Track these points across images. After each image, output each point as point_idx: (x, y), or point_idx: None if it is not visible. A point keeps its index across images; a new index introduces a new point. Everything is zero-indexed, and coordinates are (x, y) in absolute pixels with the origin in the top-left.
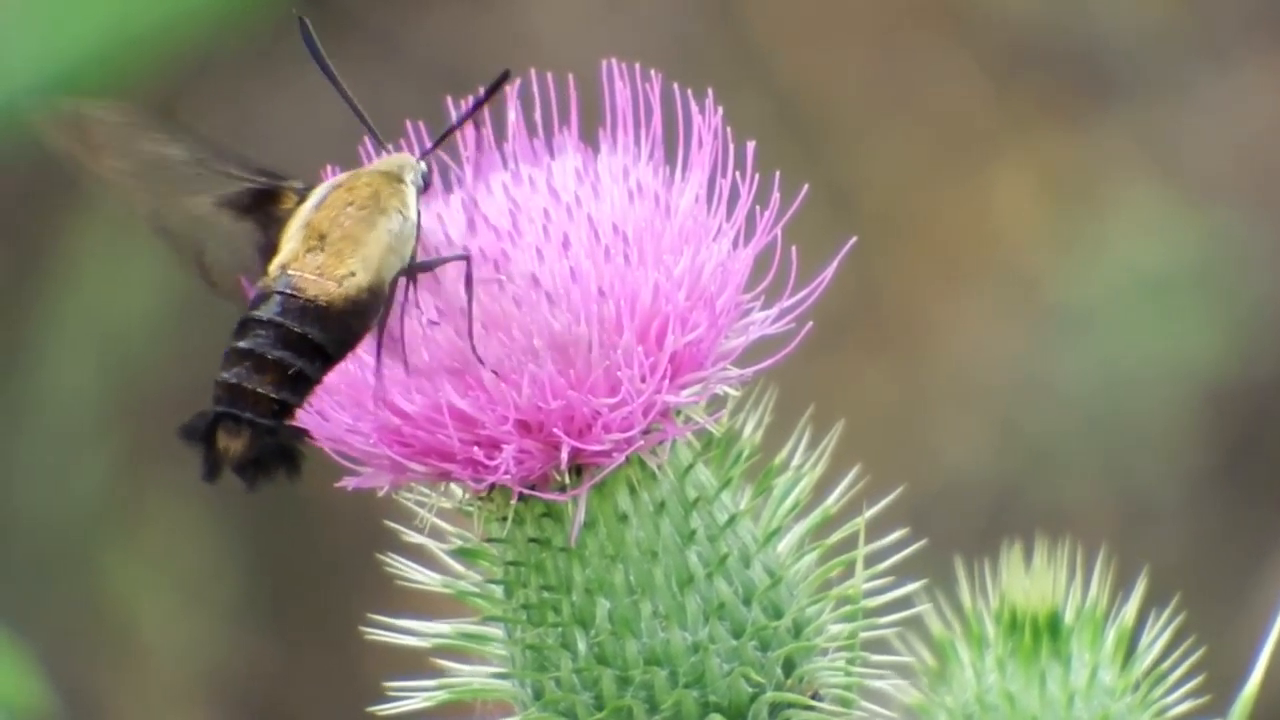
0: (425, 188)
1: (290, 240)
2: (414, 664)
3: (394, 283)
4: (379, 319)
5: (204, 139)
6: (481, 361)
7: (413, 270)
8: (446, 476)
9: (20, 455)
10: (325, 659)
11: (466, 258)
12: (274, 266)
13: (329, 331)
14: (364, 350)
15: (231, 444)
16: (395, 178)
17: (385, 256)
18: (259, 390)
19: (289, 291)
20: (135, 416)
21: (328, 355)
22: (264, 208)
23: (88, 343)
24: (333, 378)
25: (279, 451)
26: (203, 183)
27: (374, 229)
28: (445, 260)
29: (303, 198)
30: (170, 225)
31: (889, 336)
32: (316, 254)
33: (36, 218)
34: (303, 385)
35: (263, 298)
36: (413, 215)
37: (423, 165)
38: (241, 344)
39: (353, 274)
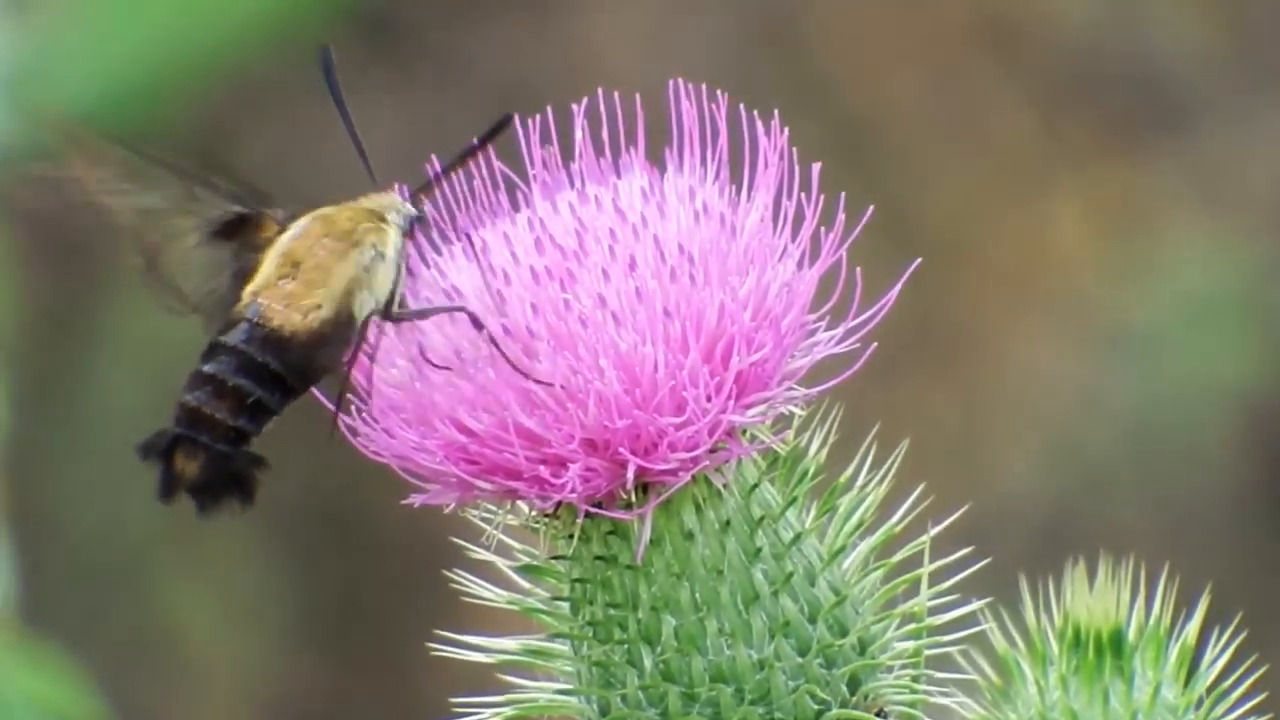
0: (412, 230)
1: (266, 266)
2: (476, 684)
3: (366, 321)
4: (347, 355)
5: (190, 163)
6: (544, 382)
7: (393, 314)
8: (513, 494)
9: (79, 475)
10: (384, 680)
11: (463, 309)
12: (247, 292)
13: (290, 362)
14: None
15: (187, 466)
16: (378, 215)
17: (354, 291)
18: (216, 416)
19: (255, 319)
20: None
21: (288, 386)
22: (245, 234)
23: (146, 363)
24: (398, 395)
25: (232, 478)
26: (186, 209)
27: (345, 262)
28: (436, 310)
29: (284, 226)
30: (151, 255)
31: (948, 361)
32: (287, 282)
33: (94, 238)
34: (261, 414)
35: (231, 323)
36: (390, 254)
37: (410, 209)
38: (205, 368)
39: (319, 306)
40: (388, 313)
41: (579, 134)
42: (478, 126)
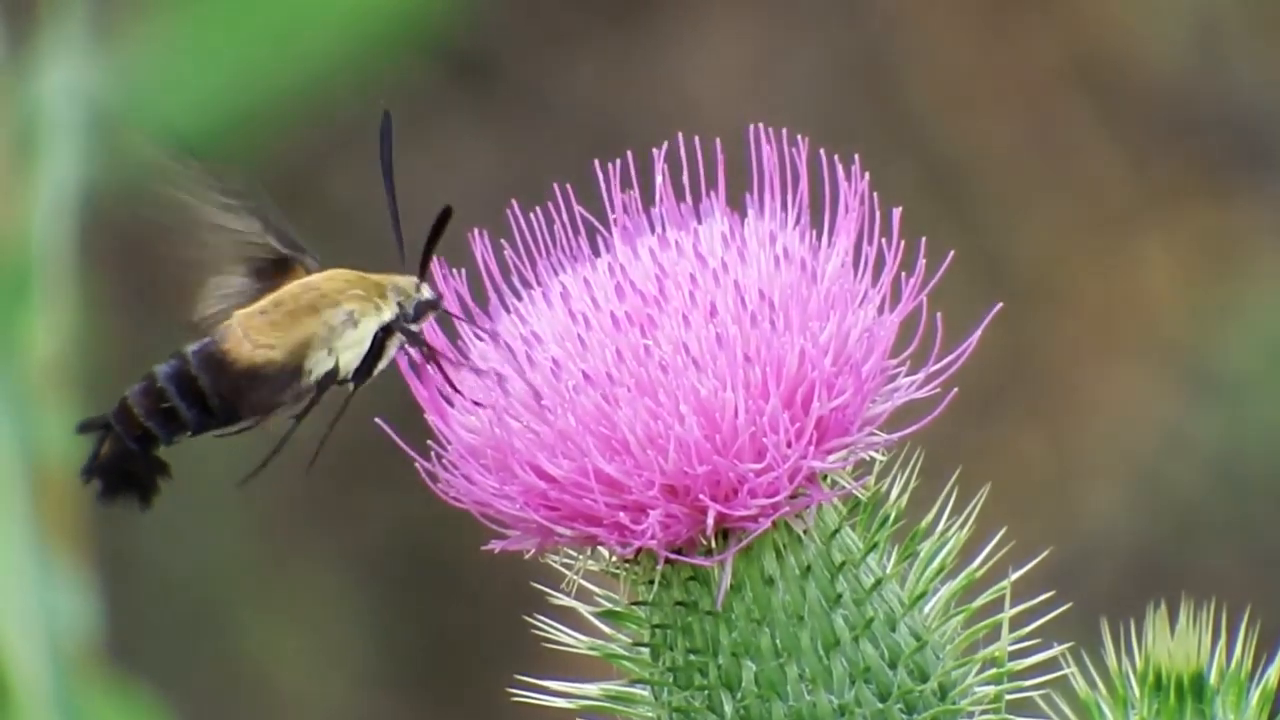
0: (417, 316)
1: (263, 299)
2: None
3: (323, 383)
4: (286, 406)
5: (242, 189)
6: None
7: (356, 382)
8: (593, 540)
9: (166, 514)
10: None
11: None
12: (235, 313)
13: (219, 384)
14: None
15: (105, 451)
16: (379, 290)
17: (311, 345)
18: (134, 410)
19: (215, 338)
20: (282, 479)
21: (206, 407)
22: (274, 275)
23: None
24: (477, 441)
25: (129, 477)
26: (230, 232)
27: (314, 317)
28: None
29: (310, 272)
30: (184, 259)
31: (1038, 402)
32: (263, 317)
33: (178, 279)
34: (171, 424)
35: (201, 335)
36: (364, 325)
37: (423, 294)
38: (155, 367)
39: (271, 346)
40: (358, 379)
41: (659, 179)
42: (569, 166)
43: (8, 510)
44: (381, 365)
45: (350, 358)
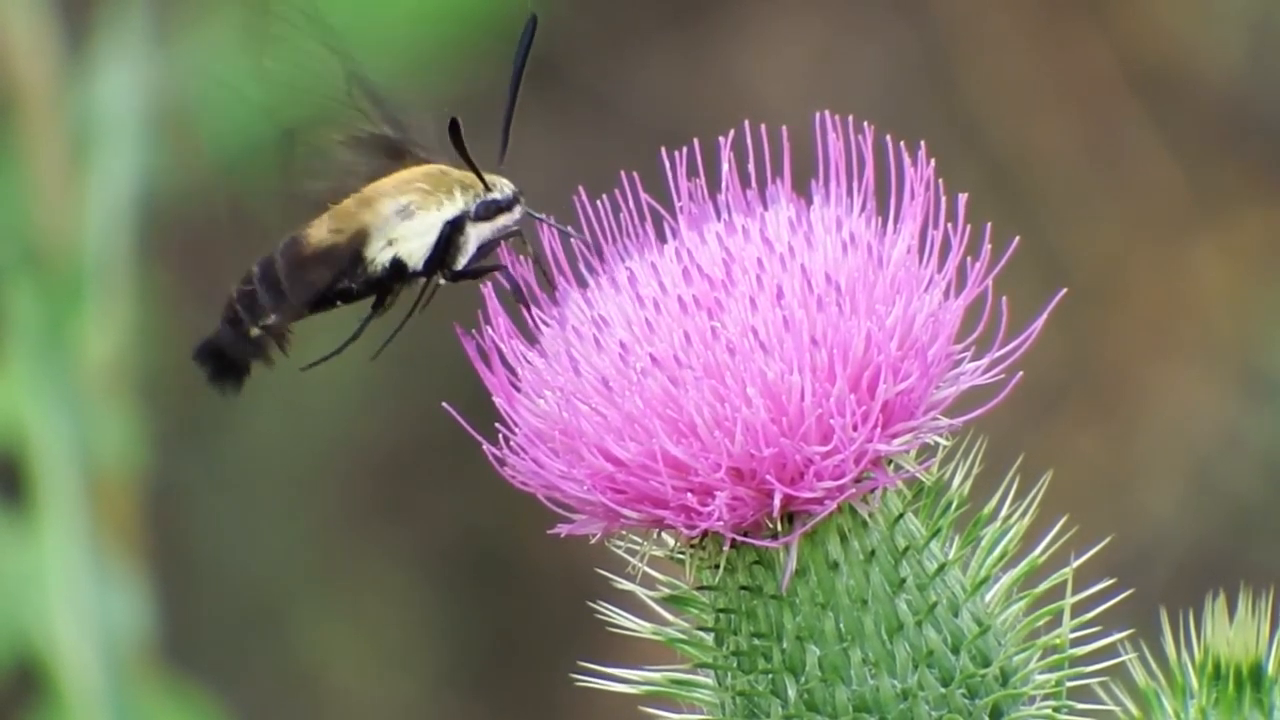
0: (486, 213)
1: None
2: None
3: (390, 273)
4: (362, 296)
5: (366, 78)
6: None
7: (448, 275)
8: (659, 523)
9: (224, 515)
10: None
11: (500, 268)
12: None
13: (288, 266)
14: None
15: (211, 336)
16: (447, 186)
17: (368, 233)
18: (230, 294)
19: (307, 225)
20: (343, 479)
21: (280, 290)
22: (389, 156)
23: (288, 403)
24: (545, 425)
25: (224, 359)
26: (348, 112)
27: (371, 208)
28: (486, 270)
29: (421, 163)
30: (309, 145)
31: (1099, 401)
32: (346, 204)
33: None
34: (254, 305)
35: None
36: (423, 216)
37: (494, 194)
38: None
39: (339, 231)
40: (430, 272)
41: (725, 165)
42: (633, 164)
43: (63, 511)
44: (463, 261)
45: (412, 249)
